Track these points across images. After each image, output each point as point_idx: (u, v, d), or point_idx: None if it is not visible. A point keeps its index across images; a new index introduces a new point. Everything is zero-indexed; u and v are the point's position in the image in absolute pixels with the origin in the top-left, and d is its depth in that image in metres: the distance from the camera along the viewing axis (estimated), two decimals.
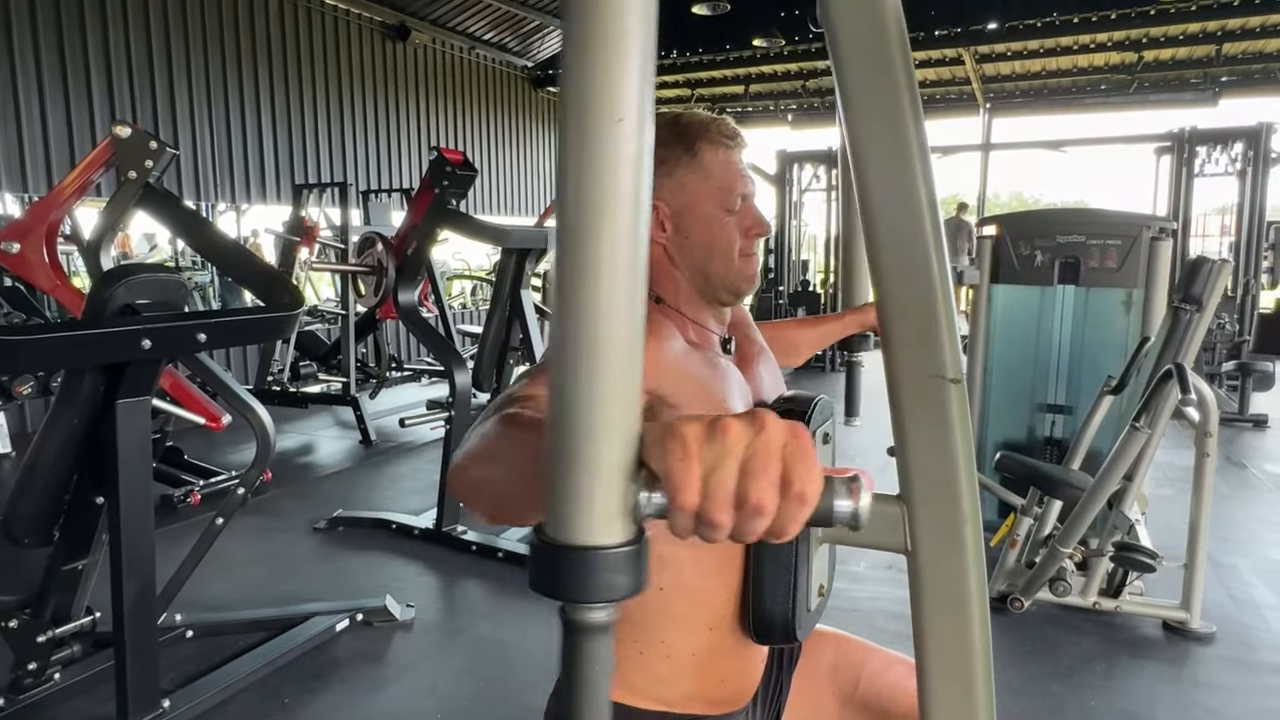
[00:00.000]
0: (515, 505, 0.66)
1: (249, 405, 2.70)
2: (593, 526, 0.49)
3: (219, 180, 7.51)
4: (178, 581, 2.63)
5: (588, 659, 0.53)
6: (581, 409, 0.48)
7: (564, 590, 0.51)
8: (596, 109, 0.48)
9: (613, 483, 0.49)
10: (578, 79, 0.49)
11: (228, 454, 5.31)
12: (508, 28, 10.92)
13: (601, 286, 0.48)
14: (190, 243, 2.82)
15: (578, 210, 0.48)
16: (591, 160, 0.47)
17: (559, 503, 0.50)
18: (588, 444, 0.49)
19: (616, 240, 0.47)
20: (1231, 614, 3.02)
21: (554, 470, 0.50)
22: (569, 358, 0.49)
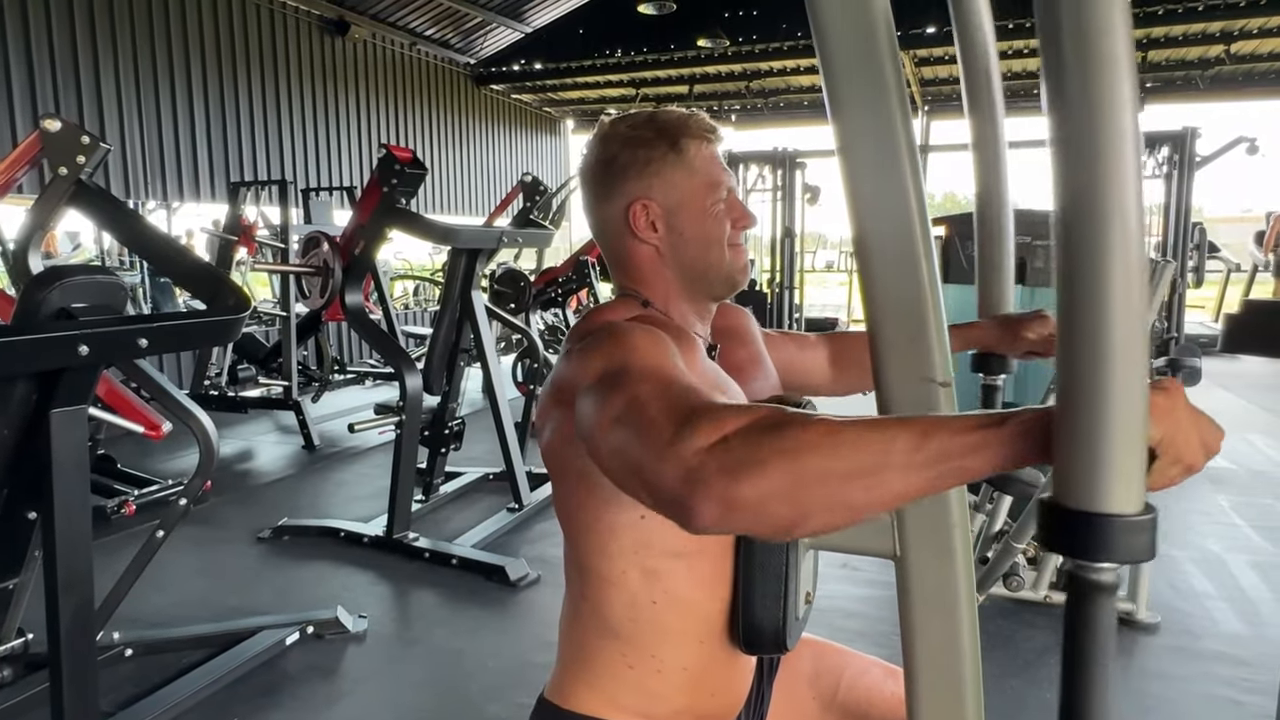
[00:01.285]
0: (879, 506, 0.69)
1: (190, 412, 2.59)
2: (1116, 494, 0.60)
3: (149, 177, 7.23)
4: (115, 598, 2.52)
5: (1100, 615, 0.64)
6: (1103, 386, 0.60)
7: (1086, 551, 0.62)
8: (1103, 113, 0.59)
9: (1133, 457, 0.61)
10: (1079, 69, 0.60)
11: (163, 462, 5.12)
12: (450, 24, 10.76)
13: (1114, 285, 0.59)
14: (127, 243, 2.68)
15: (1084, 204, 0.60)
16: (1096, 163, 0.59)
17: (1084, 472, 0.61)
18: (1110, 420, 0.60)
19: (1126, 232, 0.58)
20: (1174, 604, 3.12)
21: (1078, 445, 0.61)
22: (1088, 339, 0.60)
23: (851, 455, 0.67)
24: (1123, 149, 0.59)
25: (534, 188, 5.10)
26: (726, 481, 0.68)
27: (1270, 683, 2.52)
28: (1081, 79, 0.60)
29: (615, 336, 0.93)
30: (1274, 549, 3.66)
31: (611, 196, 1.08)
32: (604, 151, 1.09)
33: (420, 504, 4.14)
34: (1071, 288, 0.61)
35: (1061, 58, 0.61)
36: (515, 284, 6.01)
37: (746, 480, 0.67)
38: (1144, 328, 0.60)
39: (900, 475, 0.66)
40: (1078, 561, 0.63)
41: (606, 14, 11.06)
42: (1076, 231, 0.60)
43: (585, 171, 1.11)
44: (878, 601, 3.18)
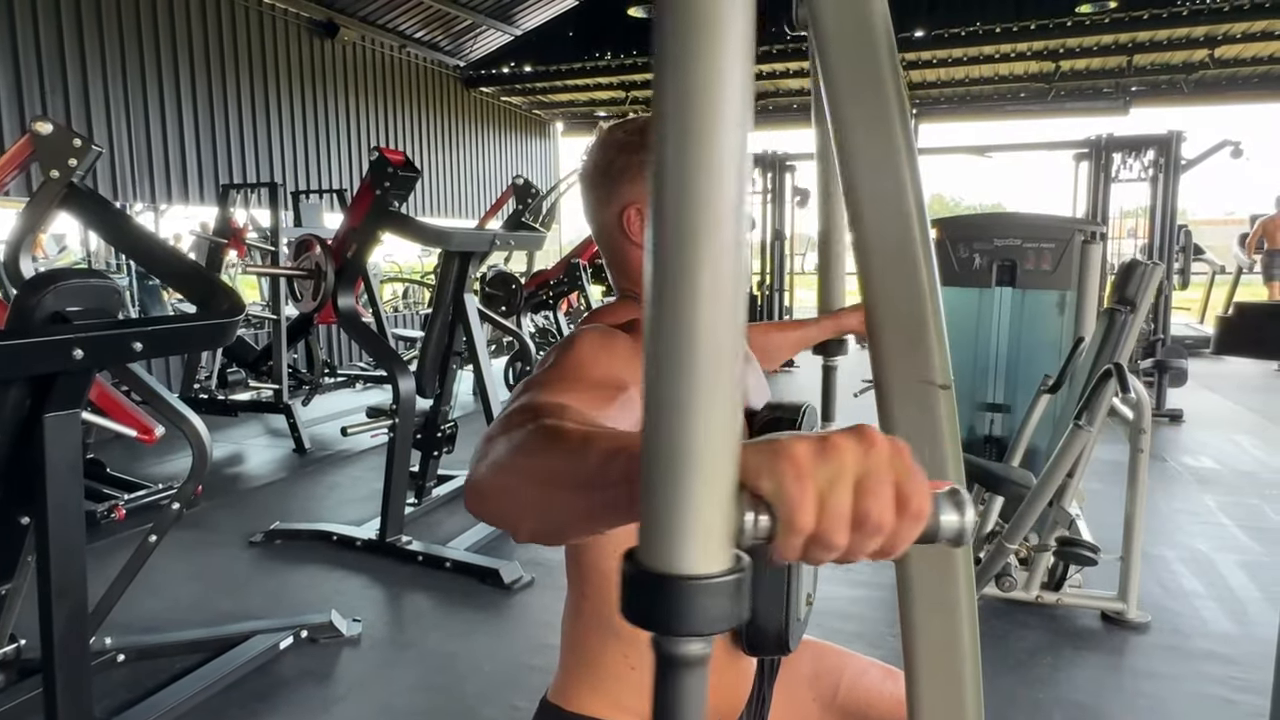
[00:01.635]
0: (570, 523, 0.63)
1: (183, 416, 2.58)
2: (694, 554, 0.46)
3: (137, 179, 7.19)
4: (107, 603, 2.50)
5: (682, 694, 0.49)
6: (681, 429, 0.46)
7: (661, 621, 0.48)
8: (700, 113, 0.44)
9: (716, 507, 0.46)
10: (678, 81, 0.45)
11: (151, 466, 5.08)
12: (439, 26, 10.75)
13: (702, 300, 0.44)
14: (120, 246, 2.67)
15: (679, 218, 0.44)
16: (695, 166, 0.44)
17: (656, 528, 0.47)
18: (689, 466, 0.46)
19: (719, 251, 0.44)
20: (1164, 603, 3.14)
21: (651, 494, 0.47)
22: (668, 376, 0.46)
23: (547, 460, 0.63)
24: (719, 160, 0.44)
25: (526, 190, 5.10)
26: (476, 471, 0.70)
27: (1261, 681, 2.54)
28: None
29: (565, 344, 0.98)
30: (1261, 549, 3.70)
31: (608, 201, 1.10)
32: (601, 157, 1.11)
33: (413, 507, 4.13)
34: (659, 310, 0.45)
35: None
36: (506, 287, 6.02)
37: (475, 476, 0.69)
38: (735, 354, 0.46)
39: (557, 495, 0.62)
40: (659, 636, 0.49)
41: (596, 17, 11.06)
42: (665, 240, 0.45)
43: (584, 176, 1.13)
44: (872, 602, 3.20)
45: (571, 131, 14.96)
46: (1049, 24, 9.58)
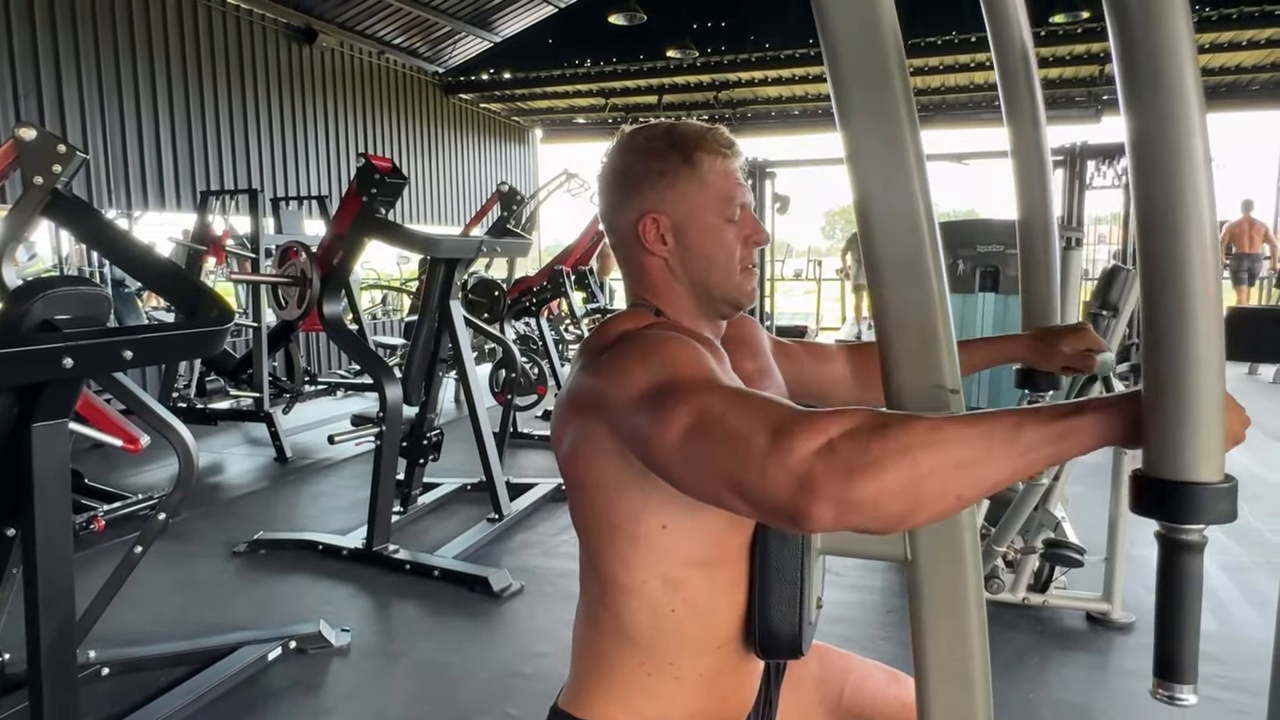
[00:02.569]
0: (997, 486, 0.77)
1: (170, 425, 2.55)
2: (1203, 465, 0.71)
3: (113, 186, 7.10)
4: (91, 615, 2.46)
5: (1188, 571, 0.74)
6: (1200, 377, 0.70)
7: (1181, 515, 0.72)
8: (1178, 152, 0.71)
9: (1215, 431, 0.71)
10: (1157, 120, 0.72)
11: (130, 476, 5.02)
12: (418, 33, 10.72)
13: (1194, 276, 0.70)
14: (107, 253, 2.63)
15: (1166, 205, 0.71)
16: (1176, 154, 0.71)
17: (1174, 447, 0.72)
18: (1206, 405, 0.71)
19: (1202, 231, 0.70)
20: (1147, 603, 3.19)
21: (1168, 425, 0.72)
22: (1175, 331, 0.71)
23: (956, 450, 0.73)
24: (1195, 159, 0.70)
25: (511, 197, 5.10)
26: (841, 483, 0.72)
27: (1244, 679, 2.59)
28: (1153, 86, 0.71)
29: (649, 347, 0.94)
30: (1240, 549, 3.76)
31: (625, 207, 1.09)
32: (620, 162, 1.10)
33: (399, 515, 4.11)
34: (1154, 291, 0.71)
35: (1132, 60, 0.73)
36: (490, 294, 5.99)
37: (861, 480, 0.71)
38: (1220, 323, 0.70)
39: (1000, 464, 0.74)
40: (1170, 525, 0.73)
41: (576, 24, 11.08)
42: (1158, 241, 0.71)
43: (602, 180, 1.12)
44: (862, 606, 3.22)
45: (551, 138, 14.95)
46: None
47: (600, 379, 0.96)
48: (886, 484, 0.72)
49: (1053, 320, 1.46)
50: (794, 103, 13.04)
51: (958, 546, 1.00)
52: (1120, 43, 0.75)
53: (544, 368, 6.41)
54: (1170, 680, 0.78)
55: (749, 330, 1.30)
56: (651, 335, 0.98)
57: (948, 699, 1.08)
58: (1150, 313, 0.73)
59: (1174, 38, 0.73)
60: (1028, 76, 1.41)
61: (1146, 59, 0.73)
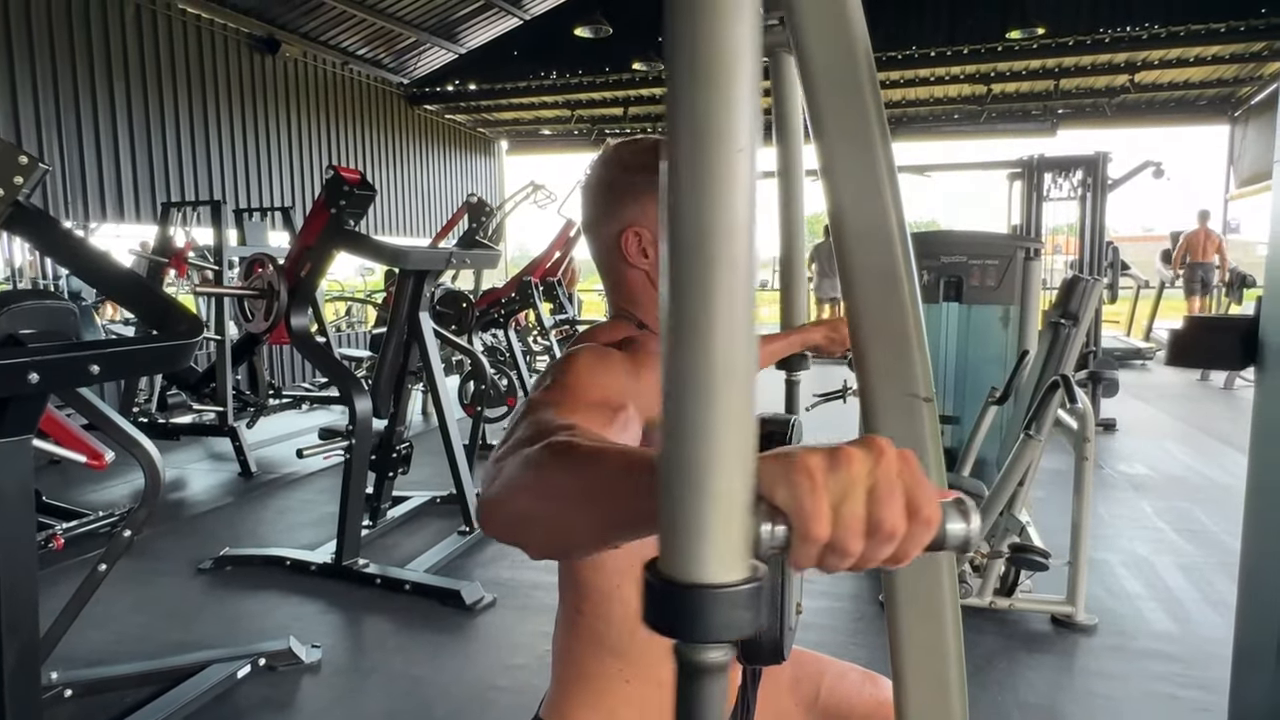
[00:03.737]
0: (583, 536, 0.65)
1: (136, 440, 2.51)
2: (713, 564, 0.48)
3: (70, 197, 6.96)
4: (53, 636, 2.41)
5: (705, 699, 0.51)
6: (700, 443, 0.47)
7: (683, 629, 0.49)
8: (715, 139, 0.47)
9: (733, 518, 0.48)
10: (691, 108, 0.47)
11: (89, 493, 4.91)
12: (382, 44, 10.67)
13: (718, 317, 0.46)
14: (71, 267, 2.58)
15: (695, 241, 0.46)
16: (709, 190, 0.47)
17: (676, 539, 0.48)
18: (707, 478, 0.47)
19: (734, 270, 0.46)
20: (1109, 606, 3.27)
21: (670, 506, 0.48)
22: (686, 390, 0.47)
23: (558, 476, 0.65)
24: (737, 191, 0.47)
25: (479, 209, 5.09)
26: (488, 488, 0.71)
27: (1202, 677, 2.67)
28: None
29: (562, 363, 0.98)
30: (1195, 550, 3.87)
31: (608, 219, 1.11)
32: (605, 174, 1.11)
33: (368, 529, 4.06)
34: (676, 327, 0.47)
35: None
36: (457, 305, 5.97)
37: (493, 489, 0.70)
38: (750, 371, 0.47)
39: (571, 509, 0.64)
40: (681, 644, 0.51)
41: (541, 36, 11.11)
42: (682, 269, 0.47)
43: (586, 192, 1.14)
44: (833, 613, 3.25)
45: (516, 150, 14.95)
46: (981, 49, 9.95)
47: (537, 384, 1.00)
48: (497, 494, 0.70)
49: (804, 319, 1.97)
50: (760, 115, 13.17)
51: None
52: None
53: (512, 379, 6.39)
54: None
55: None
56: (577, 352, 1.01)
57: (925, 697, 1.10)
58: (664, 360, 0.48)
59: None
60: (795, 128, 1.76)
61: None
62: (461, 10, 10.62)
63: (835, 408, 3.71)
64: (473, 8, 10.63)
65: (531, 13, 11.19)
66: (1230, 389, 8.39)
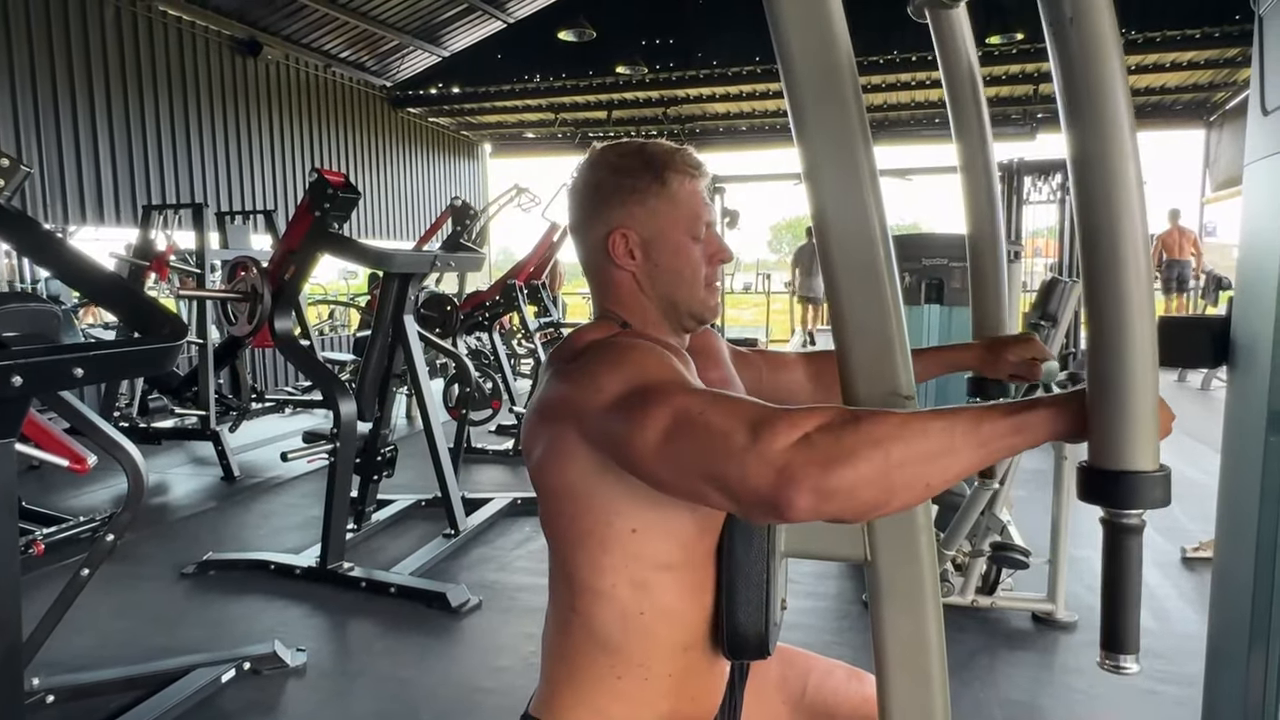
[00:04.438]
0: (953, 479, 0.83)
1: (119, 444, 2.50)
2: (1140, 456, 0.81)
3: (49, 200, 6.90)
4: (35, 641, 2.39)
5: (1131, 550, 0.84)
6: (1132, 373, 0.79)
7: (1123, 501, 0.82)
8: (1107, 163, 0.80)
9: (1152, 425, 0.81)
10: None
11: (68, 498, 4.86)
12: (365, 46, 10.64)
13: (1130, 287, 0.79)
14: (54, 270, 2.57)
15: (1105, 219, 0.80)
16: (1105, 170, 0.80)
17: (1110, 439, 0.82)
18: (1142, 402, 0.80)
19: (1131, 239, 0.79)
20: (1088, 602, 3.31)
21: (1111, 419, 0.81)
22: (1120, 337, 0.80)
23: (924, 442, 0.80)
24: (1128, 180, 0.79)
25: (464, 212, 5.09)
26: (819, 473, 0.77)
27: (1180, 672, 2.71)
28: (1091, 112, 0.80)
29: (619, 354, 0.98)
30: (1173, 548, 3.92)
31: (595, 222, 1.13)
32: (592, 177, 1.13)
33: (353, 533, 4.06)
34: (1096, 301, 0.80)
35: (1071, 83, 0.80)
36: (441, 308, 5.96)
37: (837, 470, 0.77)
38: (1153, 330, 0.79)
39: (964, 456, 0.81)
40: (1114, 510, 0.84)
41: (526, 39, 11.11)
42: (1099, 255, 0.80)
43: (573, 195, 1.15)
44: (817, 613, 3.28)
45: (500, 153, 14.93)
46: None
47: (571, 386, 1.00)
48: (862, 473, 0.77)
49: (1002, 330, 1.54)
50: (741, 119, 13.24)
51: (915, 547, 1.05)
52: (1061, 70, 0.82)
53: (497, 382, 6.38)
54: (1116, 651, 0.87)
55: (710, 341, 1.34)
56: (620, 343, 1.02)
57: (907, 691, 1.13)
58: (1094, 321, 0.81)
59: (1108, 68, 0.80)
60: (975, 96, 1.48)
61: (1084, 87, 0.80)
62: (445, 13, 10.61)
63: None
64: (456, 11, 10.63)
65: (515, 16, 11.20)
66: (1207, 389, 8.50)
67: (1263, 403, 1.16)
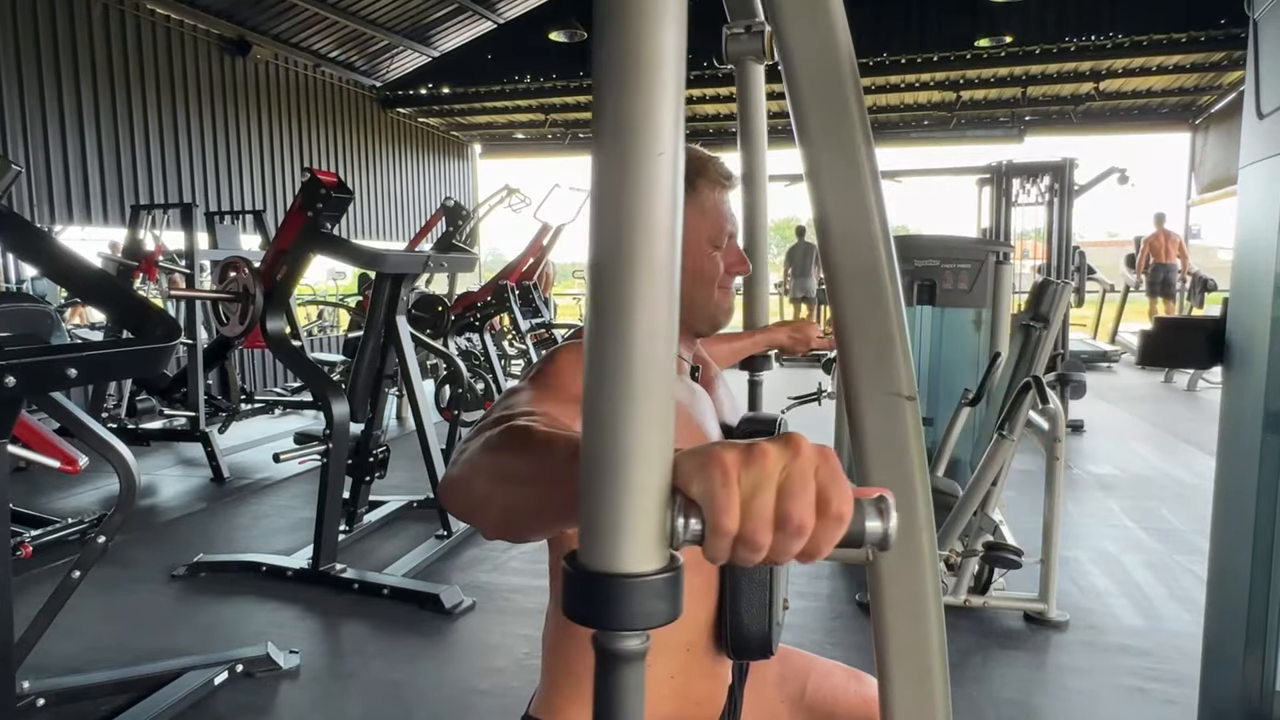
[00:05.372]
0: (532, 519, 0.67)
1: (111, 445, 2.49)
2: (629, 554, 0.49)
3: (36, 199, 6.84)
4: (26, 644, 2.37)
5: (623, 687, 0.52)
6: (618, 437, 0.48)
7: (600, 618, 0.50)
8: (636, 142, 0.48)
9: (649, 510, 0.49)
10: (615, 111, 0.48)
11: (55, 500, 4.82)
12: (354, 46, 10.60)
13: (639, 317, 0.48)
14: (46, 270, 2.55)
15: (616, 241, 0.48)
16: (631, 193, 0.48)
17: (594, 530, 0.50)
18: (625, 471, 0.49)
19: (654, 271, 0.48)
20: (1079, 602, 3.33)
21: (589, 497, 0.49)
22: (606, 387, 0.49)
23: (509, 460, 0.70)
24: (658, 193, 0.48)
25: (456, 212, 5.09)
26: (449, 468, 0.78)
27: (1170, 671, 2.73)
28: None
29: (550, 356, 1.03)
30: (1162, 548, 3.95)
31: None
32: None
33: (345, 534, 4.04)
34: (598, 325, 0.49)
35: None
36: (433, 309, 5.95)
37: (451, 471, 0.77)
38: (668, 366, 0.49)
39: (535, 488, 0.66)
40: (599, 632, 0.51)
41: (516, 40, 11.10)
42: (604, 268, 0.49)
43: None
44: (809, 613, 3.28)
45: (490, 153, 14.91)
46: (950, 56, 10.10)
47: None
48: (456, 475, 0.76)
49: (767, 320, 1.95)
50: (731, 120, 13.25)
51: (916, 547, 1.05)
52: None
53: (489, 383, 6.37)
54: None
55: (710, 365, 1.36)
56: (569, 344, 1.06)
57: (909, 692, 1.13)
58: (587, 360, 0.49)
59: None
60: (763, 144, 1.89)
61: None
62: (435, 14, 10.58)
63: (811, 410, 3.74)
64: (446, 11, 10.60)
65: (505, 16, 11.18)
66: (1193, 390, 8.57)
67: (1259, 402, 1.18)
